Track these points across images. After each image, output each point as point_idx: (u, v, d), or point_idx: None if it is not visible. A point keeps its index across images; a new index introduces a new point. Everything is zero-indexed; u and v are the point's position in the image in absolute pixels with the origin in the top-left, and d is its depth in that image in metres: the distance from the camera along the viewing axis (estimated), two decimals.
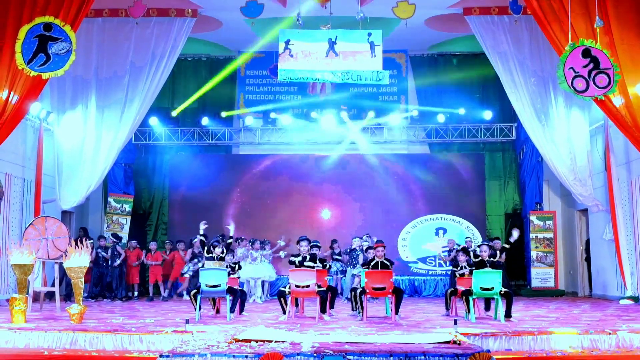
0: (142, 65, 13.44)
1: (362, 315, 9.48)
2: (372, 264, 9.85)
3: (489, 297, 9.80)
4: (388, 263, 9.84)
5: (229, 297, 9.64)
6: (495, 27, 13.22)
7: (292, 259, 9.91)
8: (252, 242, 14.40)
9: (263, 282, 14.23)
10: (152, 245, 14.98)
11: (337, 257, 14.63)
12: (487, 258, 9.76)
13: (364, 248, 13.92)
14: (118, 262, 14.08)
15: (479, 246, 10.56)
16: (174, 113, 16.58)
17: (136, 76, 13.49)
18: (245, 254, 14.10)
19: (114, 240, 14.40)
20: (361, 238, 14.29)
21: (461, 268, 10.62)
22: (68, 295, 13.18)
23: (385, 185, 16.66)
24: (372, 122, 16.72)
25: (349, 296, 13.61)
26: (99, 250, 14.11)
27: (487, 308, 10.45)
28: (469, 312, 9.30)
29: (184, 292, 14.15)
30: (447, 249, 14.63)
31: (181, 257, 14.66)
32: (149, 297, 14.38)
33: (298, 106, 16.96)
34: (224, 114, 16.57)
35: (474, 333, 7.37)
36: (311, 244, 10.27)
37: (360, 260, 13.70)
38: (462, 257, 10.68)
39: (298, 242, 10.01)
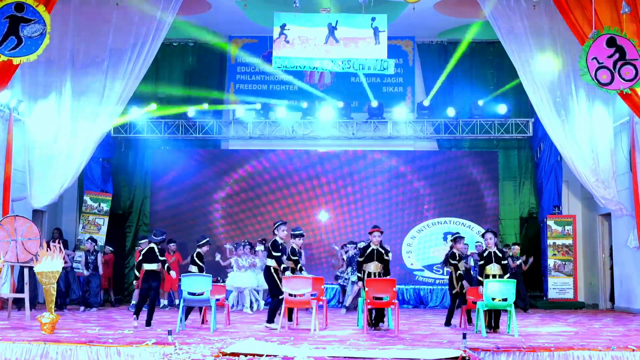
0: (122, 50, 13.37)
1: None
2: (367, 252, 9.85)
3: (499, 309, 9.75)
4: (383, 251, 9.82)
5: (214, 306, 9.60)
6: (512, 12, 13.20)
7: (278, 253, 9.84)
8: (236, 246, 14.38)
9: (256, 291, 14.20)
10: (173, 246, 14.79)
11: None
12: (493, 248, 9.66)
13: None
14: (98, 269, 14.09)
15: (482, 235, 10.21)
16: (153, 106, 16.38)
17: (116, 62, 13.43)
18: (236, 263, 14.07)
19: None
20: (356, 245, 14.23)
21: (459, 258, 10.33)
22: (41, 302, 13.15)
23: (388, 185, 16.66)
24: (375, 116, 16.70)
25: (347, 304, 13.64)
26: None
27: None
28: (470, 322, 9.27)
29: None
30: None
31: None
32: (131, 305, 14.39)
33: (294, 97, 16.95)
34: (205, 106, 16.44)
35: (485, 348, 7.38)
36: (295, 232, 10.20)
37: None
38: (459, 245, 10.51)
39: (276, 228, 9.91)
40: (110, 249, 15.15)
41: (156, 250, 10.04)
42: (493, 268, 9.63)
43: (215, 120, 16.86)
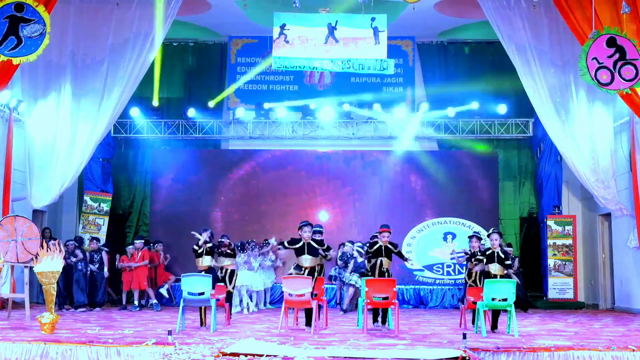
0: (122, 50, 13.38)
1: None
2: (375, 247, 9.87)
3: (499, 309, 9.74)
4: (392, 247, 9.86)
5: (214, 306, 9.58)
6: (512, 12, 13.20)
7: (294, 246, 9.78)
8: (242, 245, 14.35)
9: (253, 291, 14.17)
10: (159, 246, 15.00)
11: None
12: (497, 249, 9.74)
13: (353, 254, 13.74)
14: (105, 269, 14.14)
15: (488, 235, 10.18)
16: (155, 102, 16.38)
17: (116, 62, 13.43)
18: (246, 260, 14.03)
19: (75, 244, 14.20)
20: (353, 243, 14.11)
21: (474, 255, 10.34)
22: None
23: (388, 184, 16.64)
24: (375, 116, 16.71)
25: (345, 307, 13.57)
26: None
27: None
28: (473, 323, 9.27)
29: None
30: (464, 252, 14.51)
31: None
32: (123, 306, 14.35)
33: (294, 97, 16.95)
34: (211, 104, 16.53)
35: (485, 348, 7.38)
36: (314, 229, 10.20)
37: (351, 267, 13.62)
38: (475, 244, 10.49)
39: (300, 228, 9.88)
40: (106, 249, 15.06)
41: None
42: (495, 268, 9.69)
43: (215, 120, 16.87)
